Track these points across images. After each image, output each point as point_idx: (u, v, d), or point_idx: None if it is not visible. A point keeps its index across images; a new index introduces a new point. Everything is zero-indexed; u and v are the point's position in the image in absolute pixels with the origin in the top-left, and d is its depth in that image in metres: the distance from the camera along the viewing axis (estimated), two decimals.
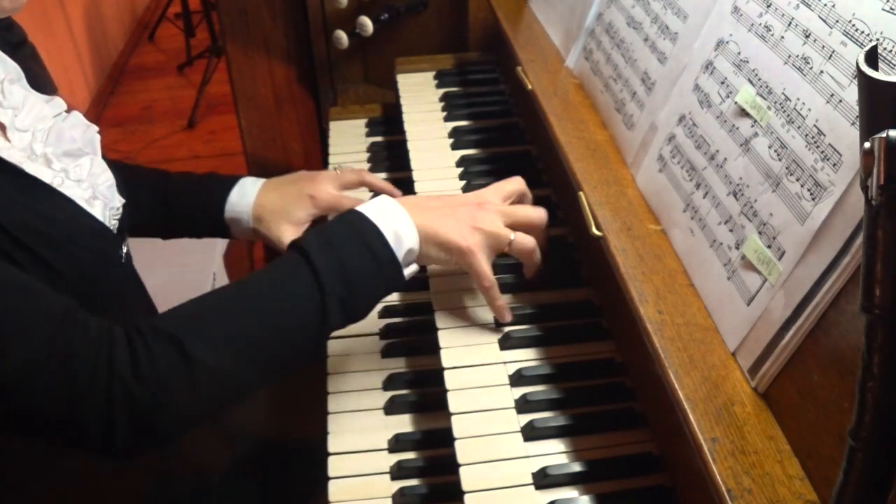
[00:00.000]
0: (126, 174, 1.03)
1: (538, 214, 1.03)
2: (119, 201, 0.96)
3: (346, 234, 0.90)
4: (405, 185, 1.33)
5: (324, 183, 1.21)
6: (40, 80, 0.95)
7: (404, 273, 0.93)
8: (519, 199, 1.06)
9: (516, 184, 1.05)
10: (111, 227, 0.92)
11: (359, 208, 0.94)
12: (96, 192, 0.91)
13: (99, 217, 0.90)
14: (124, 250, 0.98)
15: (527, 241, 1.00)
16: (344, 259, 0.88)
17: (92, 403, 0.75)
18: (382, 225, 0.91)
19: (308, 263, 0.87)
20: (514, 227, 1.00)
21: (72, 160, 0.90)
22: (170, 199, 1.19)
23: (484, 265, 0.97)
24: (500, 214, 0.99)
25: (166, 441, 0.83)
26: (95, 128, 0.97)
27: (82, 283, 0.85)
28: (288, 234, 1.17)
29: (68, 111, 0.95)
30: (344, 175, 1.24)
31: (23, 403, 0.74)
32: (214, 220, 1.19)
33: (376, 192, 1.27)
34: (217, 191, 1.19)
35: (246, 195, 1.19)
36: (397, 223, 0.92)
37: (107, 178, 0.94)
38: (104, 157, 0.98)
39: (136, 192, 1.10)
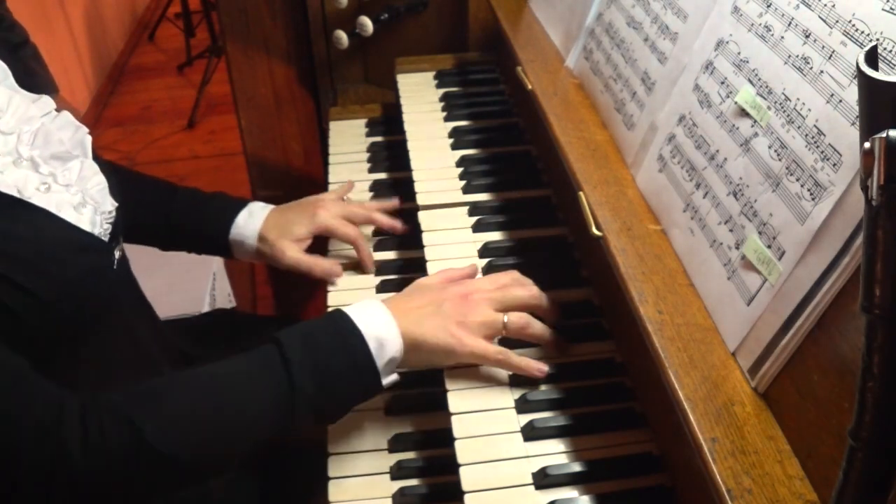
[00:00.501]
0: (132, 183, 1.01)
1: (529, 293, 0.99)
2: (111, 205, 0.93)
3: (327, 335, 0.88)
4: (405, 185, 1.33)
5: (329, 204, 1.22)
6: (41, 81, 0.94)
7: (383, 383, 0.91)
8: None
9: (510, 276, 1.01)
10: (102, 233, 0.90)
11: (346, 310, 0.91)
12: (86, 197, 0.89)
13: (87, 225, 0.87)
14: (117, 255, 0.95)
15: (519, 318, 0.96)
16: (320, 360, 0.86)
17: (30, 479, 0.74)
18: (366, 331, 0.89)
19: (282, 359, 0.85)
20: (507, 310, 0.97)
21: (60, 163, 0.87)
22: (174, 215, 1.19)
23: (486, 350, 0.94)
24: (488, 302, 0.96)
25: None
26: (85, 129, 0.95)
27: (69, 301, 0.83)
28: (289, 250, 1.18)
29: (58, 111, 0.92)
30: (352, 207, 1.24)
31: None
32: (217, 241, 1.20)
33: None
34: (224, 212, 1.20)
35: (254, 219, 1.20)
36: (382, 330, 0.89)
37: (98, 181, 0.91)
38: (100, 158, 0.96)
39: (140, 203, 1.09)
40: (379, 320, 0.90)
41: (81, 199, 0.88)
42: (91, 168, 0.92)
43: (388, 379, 0.91)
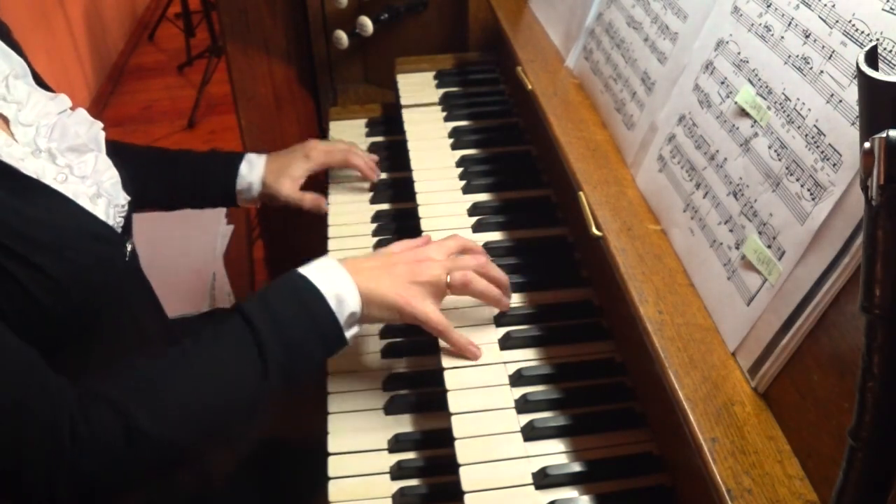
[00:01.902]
0: (130, 153, 1.08)
1: (476, 260, 1.02)
2: (124, 199, 0.96)
3: (289, 299, 0.91)
4: (405, 184, 1.33)
5: (316, 144, 1.38)
6: (19, 56, 0.95)
7: (346, 336, 0.93)
8: (465, 252, 1.05)
9: (456, 241, 1.05)
10: (115, 225, 0.92)
11: (302, 271, 0.94)
12: (101, 190, 0.91)
13: (102, 216, 0.90)
14: (129, 248, 0.98)
15: (462, 275, 0.99)
16: (285, 325, 0.89)
17: (37, 465, 0.76)
18: (325, 289, 0.91)
19: (250, 330, 0.87)
20: (451, 272, 0.99)
21: (76, 156, 0.90)
22: (180, 177, 1.30)
23: (430, 313, 0.97)
24: (438, 266, 0.99)
25: (109, 500, 0.84)
26: (100, 124, 0.98)
27: (81, 288, 0.85)
28: (285, 185, 1.34)
29: (73, 108, 0.95)
30: (334, 143, 1.42)
31: None
32: (224, 191, 1.34)
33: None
34: (228, 165, 1.34)
35: (255, 167, 1.34)
36: (339, 286, 0.93)
37: (111, 175, 0.95)
38: (108, 142, 0.98)
39: (143, 171, 1.15)
40: (336, 277, 0.94)
41: (96, 191, 0.91)
42: (105, 162, 0.95)
43: (351, 331, 0.94)
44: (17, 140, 0.86)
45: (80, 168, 0.90)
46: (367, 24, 1.60)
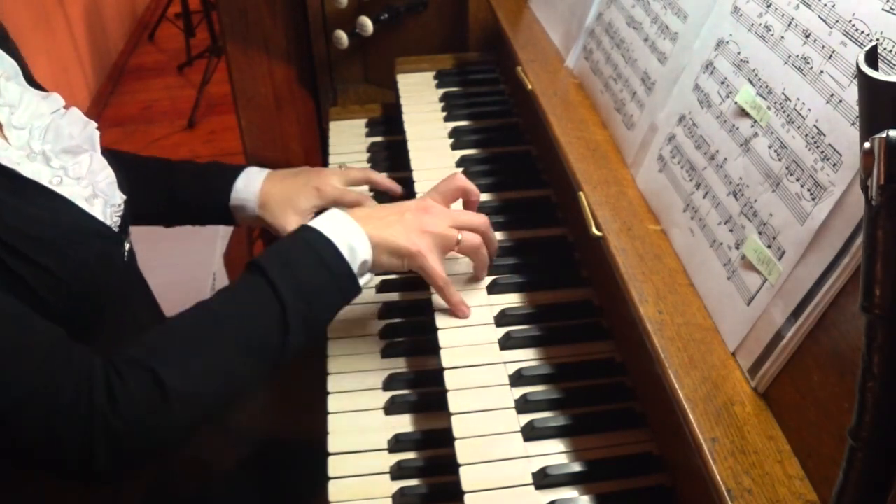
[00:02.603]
0: (128, 164, 1.05)
1: (481, 218, 1.06)
2: (120, 198, 0.96)
3: (302, 252, 0.92)
4: (405, 184, 1.33)
5: (329, 177, 1.25)
6: (15, 60, 0.95)
7: (360, 283, 0.95)
8: (464, 195, 1.09)
9: (455, 180, 1.08)
10: (112, 225, 0.92)
11: (312, 223, 0.96)
12: (96, 190, 0.91)
13: (99, 216, 0.90)
14: (127, 248, 0.98)
15: (473, 238, 1.03)
16: (302, 276, 0.90)
17: (72, 436, 0.77)
18: (336, 239, 0.93)
19: (268, 283, 0.88)
20: (460, 228, 1.03)
21: (71, 157, 0.90)
22: (175, 188, 1.23)
23: (435, 265, 1.00)
24: (445, 217, 1.02)
25: (144, 466, 0.85)
26: (94, 124, 0.97)
27: (84, 286, 0.86)
28: (292, 222, 1.21)
29: (66, 108, 0.95)
30: (349, 172, 1.29)
31: (5, 435, 0.76)
32: (220, 208, 1.23)
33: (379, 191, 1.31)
34: (223, 179, 1.23)
35: (252, 183, 1.22)
36: (350, 236, 0.94)
37: (107, 174, 0.94)
38: (104, 151, 0.98)
39: (139, 181, 1.13)
40: (346, 227, 0.95)
41: (92, 191, 0.91)
42: (100, 162, 0.95)
43: (364, 279, 0.97)
44: (10, 143, 0.86)
45: (74, 169, 0.90)
46: (367, 24, 1.60)
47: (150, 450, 0.84)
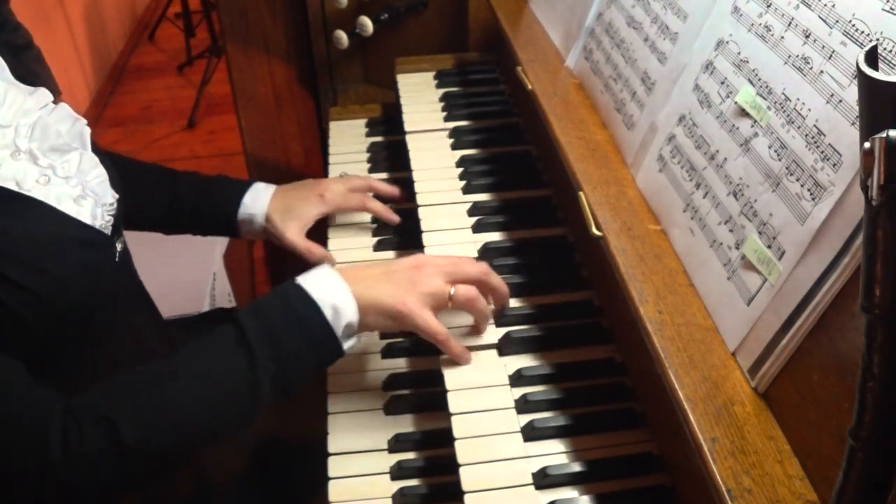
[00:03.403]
0: (131, 170, 1.03)
1: (478, 268, 1.01)
2: (112, 197, 0.93)
3: (284, 309, 0.90)
4: (405, 185, 1.33)
5: (332, 184, 1.28)
6: (43, 84, 0.93)
7: (343, 347, 0.92)
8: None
9: (464, 263, 1.02)
10: (104, 225, 0.90)
11: (299, 281, 0.93)
12: (86, 190, 0.89)
13: (87, 218, 0.87)
14: (119, 248, 0.95)
15: (467, 291, 0.98)
16: (280, 338, 0.88)
17: (24, 483, 0.77)
18: (321, 300, 0.90)
19: (242, 340, 0.87)
20: (453, 282, 0.98)
21: (59, 156, 0.87)
22: (179, 198, 1.22)
23: (429, 322, 0.95)
24: (438, 274, 0.97)
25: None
26: (84, 121, 0.95)
27: (66, 299, 0.84)
28: (291, 228, 1.23)
29: (55, 103, 0.92)
30: (351, 179, 1.30)
31: None
32: (226, 220, 1.25)
33: (381, 197, 1.31)
34: (231, 193, 1.25)
35: (260, 198, 1.24)
36: (336, 297, 0.91)
37: (97, 173, 0.92)
38: (101, 150, 0.96)
39: (142, 187, 1.12)
40: (332, 287, 0.92)
41: (81, 191, 0.88)
42: (90, 160, 0.92)
43: (348, 343, 0.93)
44: None
45: (63, 168, 0.87)
46: (367, 24, 1.60)
47: (102, 498, 0.83)
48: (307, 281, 0.92)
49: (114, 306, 0.95)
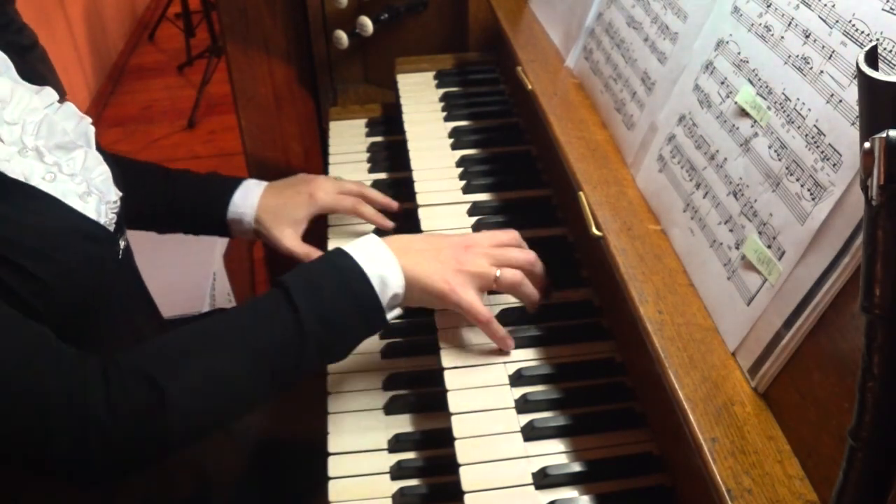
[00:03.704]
0: (125, 168, 1.03)
1: (525, 256, 1.01)
2: (116, 194, 0.94)
3: (331, 277, 0.90)
4: (405, 185, 1.33)
5: (323, 183, 1.25)
6: (49, 84, 0.93)
7: (387, 317, 0.92)
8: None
9: (510, 235, 1.04)
10: (108, 222, 0.91)
11: (347, 249, 0.92)
12: (91, 187, 0.89)
13: (93, 214, 0.88)
14: (122, 246, 0.96)
15: (513, 275, 0.98)
16: (326, 302, 0.88)
17: (65, 439, 0.76)
18: (369, 269, 0.90)
19: (289, 304, 0.86)
20: (500, 266, 0.98)
21: (64, 153, 0.88)
22: (172, 196, 1.21)
23: (473, 303, 0.95)
24: (485, 256, 0.98)
25: (138, 472, 0.83)
26: (88, 119, 0.95)
27: (72, 290, 0.84)
28: (287, 234, 1.21)
29: (61, 101, 0.93)
30: (344, 183, 1.28)
31: None
32: (216, 220, 1.22)
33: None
34: (220, 192, 1.22)
35: (249, 197, 1.22)
36: (384, 267, 0.91)
37: (102, 171, 0.92)
38: (101, 149, 0.97)
39: (135, 186, 1.11)
40: (381, 258, 0.92)
41: (86, 188, 0.89)
42: (95, 158, 0.93)
43: (392, 313, 0.94)
44: (2, 139, 0.84)
45: (68, 166, 0.88)
46: (367, 24, 1.60)
47: (145, 458, 0.82)
48: (356, 250, 0.92)
49: (116, 304, 0.95)
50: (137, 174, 1.20)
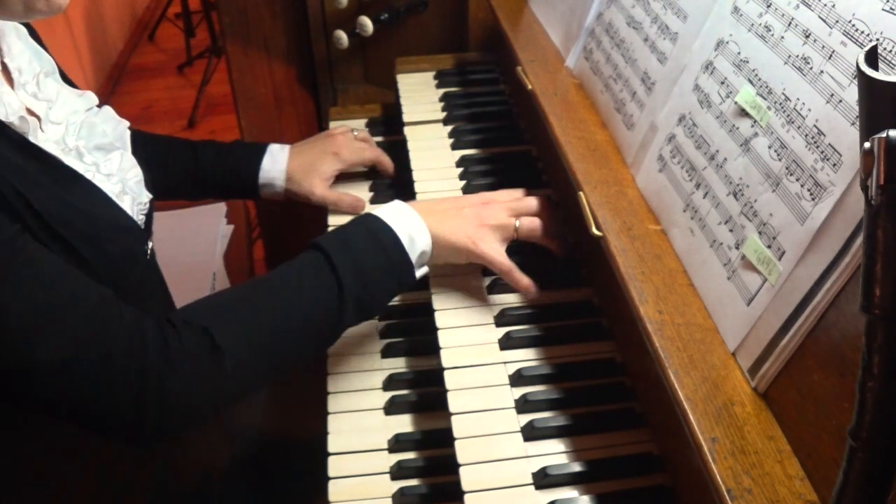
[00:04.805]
0: (154, 142, 1.10)
1: (541, 203, 1.10)
2: (146, 197, 0.98)
3: (363, 236, 0.96)
4: (405, 185, 1.33)
5: (344, 142, 1.34)
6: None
7: (416, 273, 0.99)
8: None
9: (527, 197, 1.11)
10: (139, 223, 0.94)
11: (375, 212, 0.99)
12: (125, 188, 0.93)
13: (128, 212, 0.91)
14: (150, 246, 0.99)
15: (532, 222, 1.07)
16: (361, 259, 0.93)
17: (125, 392, 0.78)
18: (398, 228, 0.97)
19: (328, 262, 0.91)
20: (518, 215, 1.07)
21: (103, 154, 0.92)
22: (202, 167, 1.28)
23: (495, 254, 1.03)
24: (504, 209, 1.06)
25: (192, 429, 0.86)
26: (126, 123, 1.00)
27: (110, 279, 0.86)
28: (318, 186, 1.30)
29: (100, 106, 0.97)
30: (363, 137, 1.39)
31: (58, 389, 0.76)
32: (248, 186, 1.30)
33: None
34: (248, 160, 1.30)
35: (277, 161, 1.30)
36: (411, 226, 0.98)
37: (136, 173, 0.97)
38: (138, 131, 1.00)
39: (164, 157, 1.18)
40: (407, 218, 1.00)
41: (122, 188, 0.93)
42: (130, 160, 0.97)
43: (420, 271, 1.01)
44: (49, 137, 0.87)
45: (106, 166, 0.91)
46: (367, 24, 1.60)
47: (200, 412, 0.85)
48: (384, 213, 0.99)
49: (141, 302, 0.96)
50: (165, 147, 1.26)
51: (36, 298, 0.74)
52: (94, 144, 0.91)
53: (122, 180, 0.93)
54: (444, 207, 1.05)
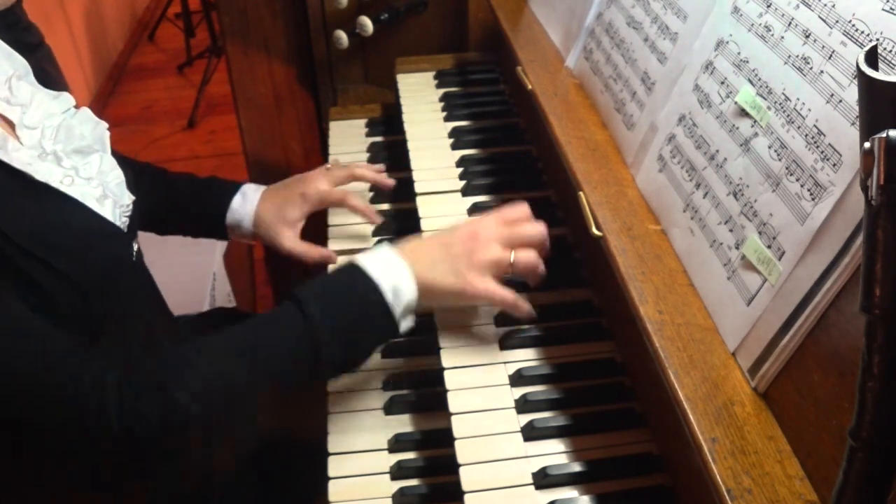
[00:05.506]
0: (131, 169, 1.04)
1: (536, 230, 1.01)
2: (129, 198, 0.96)
3: (345, 289, 0.91)
4: (405, 185, 1.33)
5: (314, 181, 1.25)
6: (54, 82, 0.95)
7: (401, 327, 0.93)
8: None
9: (519, 211, 1.03)
10: (122, 225, 0.93)
11: (359, 262, 0.93)
12: (106, 190, 0.92)
13: (109, 216, 0.90)
14: (135, 248, 0.98)
15: (528, 257, 0.99)
16: (340, 314, 0.89)
17: (83, 448, 0.78)
18: (382, 281, 0.91)
19: (304, 317, 0.87)
20: (514, 247, 0.99)
21: (81, 157, 0.90)
22: (173, 199, 1.23)
23: (493, 292, 0.96)
24: (497, 241, 0.98)
25: (157, 478, 0.85)
26: (105, 124, 0.97)
27: (98, 288, 0.86)
28: (285, 236, 1.22)
29: (77, 107, 0.95)
30: (333, 172, 1.27)
31: (18, 439, 0.78)
32: (215, 224, 1.23)
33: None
34: (220, 196, 1.23)
35: (248, 202, 1.23)
36: (396, 277, 0.92)
37: (116, 175, 0.95)
38: (113, 152, 0.98)
39: (138, 186, 1.11)
40: (392, 268, 0.93)
41: (102, 192, 0.91)
42: (110, 162, 0.95)
43: (406, 323, 0.94)
44: (23, 144, 0.86)
45: (85, 169, 0.90)
46: (367, 24, 1.60)
47: (161, 466, 0.84)
48: (367, 260, 0.93)
49: (131, 304, 0.97)
50: (137, 175, 1.20)
51: None
52: (72, 148, 0.89)
53: (102, 183, 0.91)
54: (431, 249, 0.97)
